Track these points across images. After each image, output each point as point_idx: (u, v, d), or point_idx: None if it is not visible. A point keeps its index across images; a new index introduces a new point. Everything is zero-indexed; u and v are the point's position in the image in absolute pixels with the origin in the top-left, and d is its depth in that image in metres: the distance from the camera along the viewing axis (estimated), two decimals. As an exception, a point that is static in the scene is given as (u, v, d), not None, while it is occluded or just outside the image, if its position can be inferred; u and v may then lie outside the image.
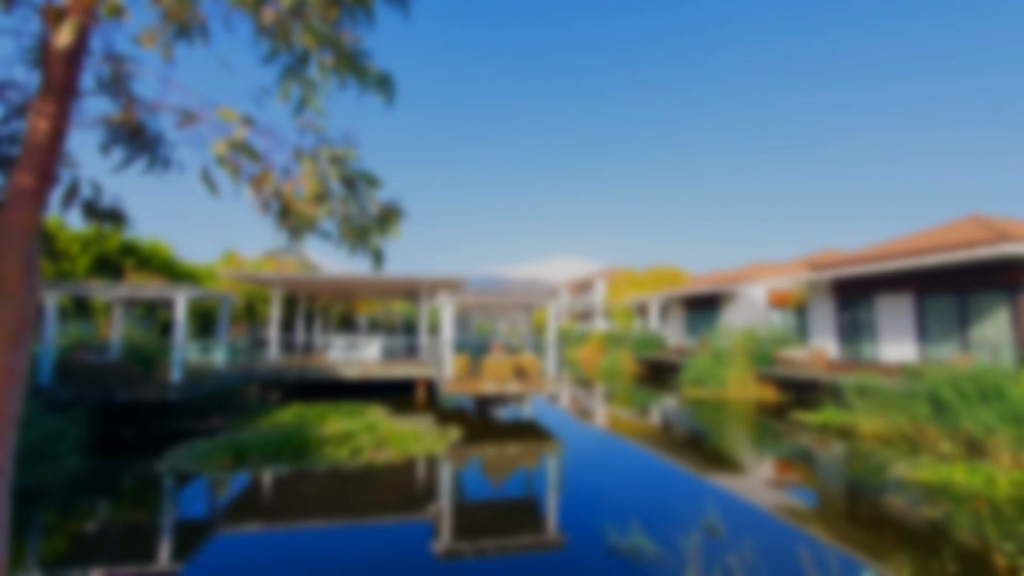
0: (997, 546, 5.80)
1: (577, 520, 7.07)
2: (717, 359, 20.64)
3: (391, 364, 18.43)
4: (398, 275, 19.07)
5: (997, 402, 9.72)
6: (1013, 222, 16.41)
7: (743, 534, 6.31)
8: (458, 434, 11.95)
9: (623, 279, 49.31)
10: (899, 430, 11.40)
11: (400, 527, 6.79)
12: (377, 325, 43.77)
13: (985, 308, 14.03)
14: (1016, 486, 8.01)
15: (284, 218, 2.26)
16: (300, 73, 2.32)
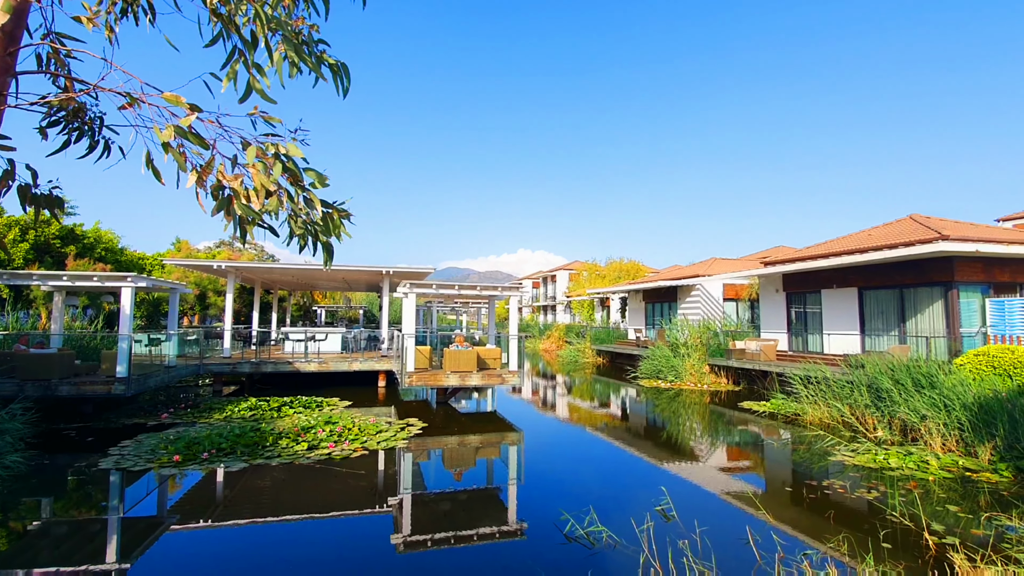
0: (927, 525, 6.22)
1: (538, 509, 7.19)
2: (675, 351, 21.22)
3: (351, 357, 18.14)
4: (360, 266, 18.75)
5: (930, 391, 10.37)
6: (948, 222, 17.47)
7: (695, 518, 6.55)
8: (419, 426, 11.90)
9: (585, 272, 49.94)
10: (841, 418, 12.03)
11: (359, 521, 6.74)
12: (337, 317, 42.93)
13: (922, 302, 14.92)
14: (946, 469, 8.59)
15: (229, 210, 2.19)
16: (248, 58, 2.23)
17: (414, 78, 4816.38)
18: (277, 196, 2.22)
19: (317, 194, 2.38)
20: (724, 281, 26.38)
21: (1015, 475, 8.16)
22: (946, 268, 14.06)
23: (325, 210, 2.43)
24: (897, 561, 5.37)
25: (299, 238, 2.48)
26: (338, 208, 2.47)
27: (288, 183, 2.31)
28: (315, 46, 2.35)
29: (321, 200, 2.42)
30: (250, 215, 2.21)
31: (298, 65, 2.29)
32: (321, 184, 2.34)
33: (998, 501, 7.19)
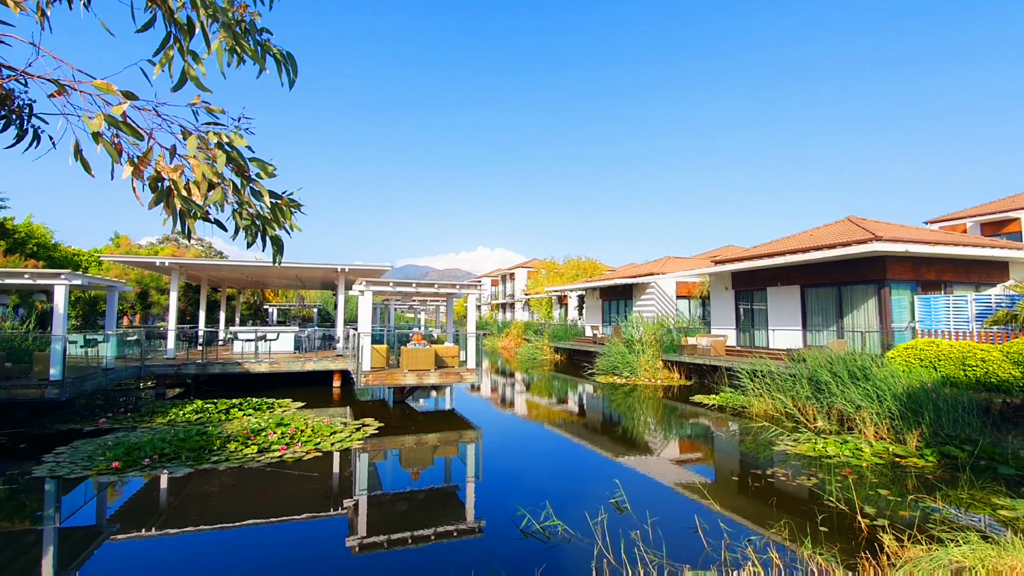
0: (860, 509, 6.62)
1: (496, 506, 7.22)
2: (630, 347, 21.70)
3: (305, 356, 17.67)
4: (314, 264, 18.26)
5: (864, 383, 11.02)
6: (882, 224, 18.58)
7: (647, 509, 6.74)
8: (376, 426, 11.72)
9: (544, 270, 50.34)
10: (784, 409, 12.61)
11: (313, 524, 6.59)
12: (290, 316, 41.68)
13: (858, 299, 15.81)
14: (878, 456, 9.15)
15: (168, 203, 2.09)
16: (183, 45, 2.13)
17: (372, 74, 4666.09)
18: (221, 188, 2.14)
19: (264, 184, 2.31)
20: (677, 279, 27.16)
21: (939, 460, 8.78)
22: (879, 267, 14.95)
23: (274, 200, 2.36)
24: (833, 543, 5.70)
25: (246, 232, 2.40)
26: (288, 198, 2.40)
27: (233, 174, 2.23)
28: (258, 34, 2.27)
29: (269, 191, 2.34)
30: (192, 208, 2.12)
31: (240, 54, 2.21)
32: (268, 174, 2.27)
33: (924, 484, 7.73)
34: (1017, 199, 25.19)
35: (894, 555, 4.94)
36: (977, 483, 7.66)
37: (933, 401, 9.73)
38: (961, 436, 9.23)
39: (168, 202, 2.10)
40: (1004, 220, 24.38)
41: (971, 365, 10.77)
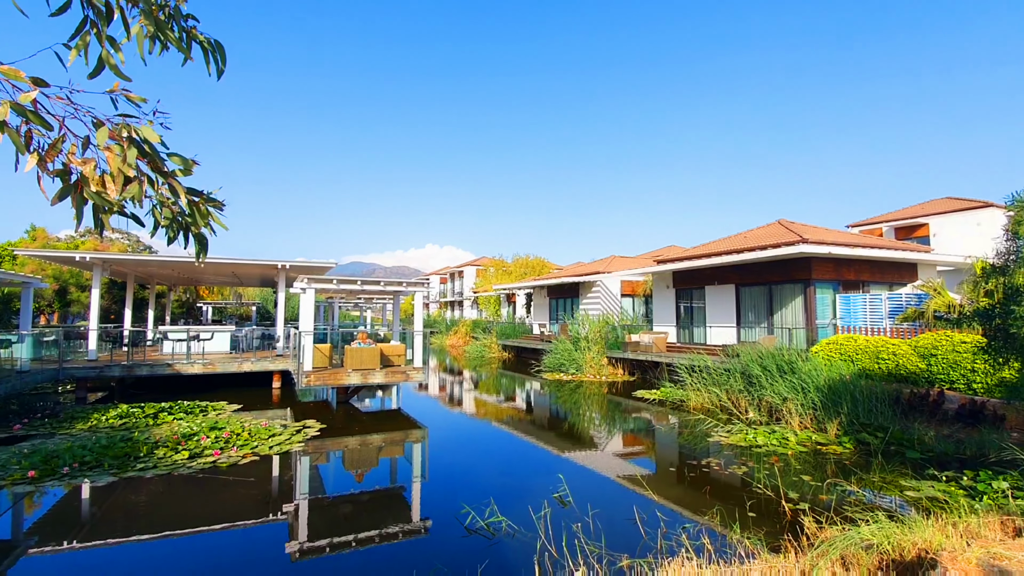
0: (785, 494, 7.06)
1: (442, 504, 7.20)
2: (576, 345, 22.12)
3: (242, 357, 16.93)
4: (251, 260, 17.51)
5: (790, 376, 11.74)
6: (808, 227, 19.81)
7: (589, 502, 6.92)
8: (318, 428, 11.40)
9: (493, 268, 50.42)
10: (719, 402, 13.24)
11: (250, 531, 6.35)
12: (226, 314, 39.76)
13: (786, 297, 16.80)
14: (802, 444, 9.78)
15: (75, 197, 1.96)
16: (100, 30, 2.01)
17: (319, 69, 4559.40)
18: (138, 182, 2.03)
19: (184, 181, 2.21)
20: (622, 278, 27.90)
21: (855, 447, 9.49)
22: (805, 268, 15.95)
23: (192, 199, 2.26)
24: (760, 527, 6.06)
25: (166, 229, 2.28)
26: (207, 197, 2.30)
27: (149, 169, 2.11)
28: (183, 21, 2.17)
29: (187, 188, 2.24)
30: (105, 204, 2.00)
31: (164, 41, 2.10)
32: (187, 171, 2.17)
33: (842, 470, 8.33)
34: (926, 206, 27.48)
35: (813, 536, 5.31)
36: (887, 467, 8.33)
37: (851, 392, 10.50)
38: (875, 424, 10.00)
39: (75, 196, 1.97)
40: (915, 225, 26.55)
41: (884, 358, 11.69)
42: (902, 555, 4.46)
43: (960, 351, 10.63)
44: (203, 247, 2.43)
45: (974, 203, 24.77)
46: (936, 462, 8.39)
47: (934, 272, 18.76)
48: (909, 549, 4.51)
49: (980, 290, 7.30)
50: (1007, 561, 3.85)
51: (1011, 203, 6.30)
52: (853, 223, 30.13)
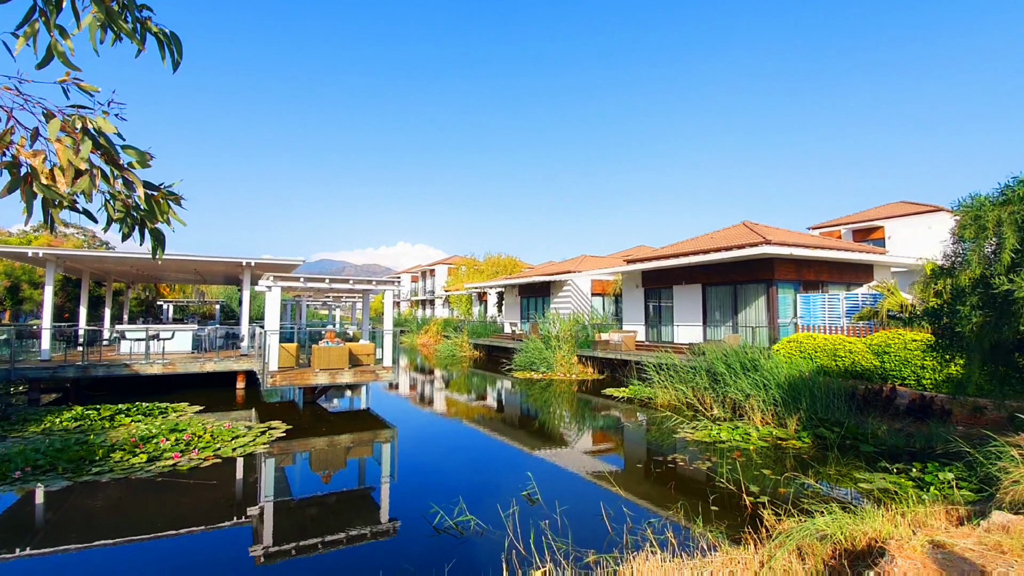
0: (746, 488, 7.28)
1: (411, 505, 7.16)
2: (547, 343, 22.26)
3: (204, 356, 16.45)
4: (215, 256, 17.02)
5: (753, 373, 12.08)
6: (771, 228, 20.39)
7: (557, 499, 6.99)
8: (283, 429, 11.18)
9: (464, 267, 50.27)
10: (686, 399, 13.53)
11: (213, 536, 6.20)
12: (188, 313, 38.56)
13: (750, 297, 17.27)
14: (763, 439, 10.09)
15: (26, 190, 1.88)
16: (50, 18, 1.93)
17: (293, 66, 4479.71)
18: (89, 176, 1.95)
19: (139, 175, 2.14)
20: (592, 277, 28.19)
21: (813, 441, 9.84)
22: (768, 268, 16.43)
23: (149, 192, 2.19)
24: (722, 521, 6.23)
25: (120, 224, 2.20)
26: (165, 190, 2.24)
27: (103, 162, 2.04)
28: (138, 11, 2.09)
29: (144, 182, 2.17)
30: (56, 198, 1.93)
31: (116, 31, 2.03)
32: (143, 164, 2.10)
33: (800, 464, 8.63)
34: (881, 210, 28.63)
35: (772, 528, 5.49)
36: (843, 460, 8.67)
37: (809, 388, 10.87)
38: (832, 419, 10.39)
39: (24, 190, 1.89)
40: (871, 228, 27.62)
41: (841, 356, 12.15)
42: (854, 544, 4.66)
43: (911, 349, 11.12)
44: (160, 243, 2.36)
45: (926, 207, 25.94)
46: (888, 455, 8.78)
47: (888, 273, 19.56)
48: (860, 539, 4.71)
49: (930, 291, 7.65)
50: (949, 548, 4.06)
51: (957, 208, 6.63)
52: (814, 225, 31.16)
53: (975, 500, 6.35)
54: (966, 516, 5.42)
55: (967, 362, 7.19)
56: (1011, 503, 5.41)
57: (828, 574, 4.32)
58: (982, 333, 6.24)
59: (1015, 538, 4.18)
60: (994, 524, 4.49)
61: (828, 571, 4.39)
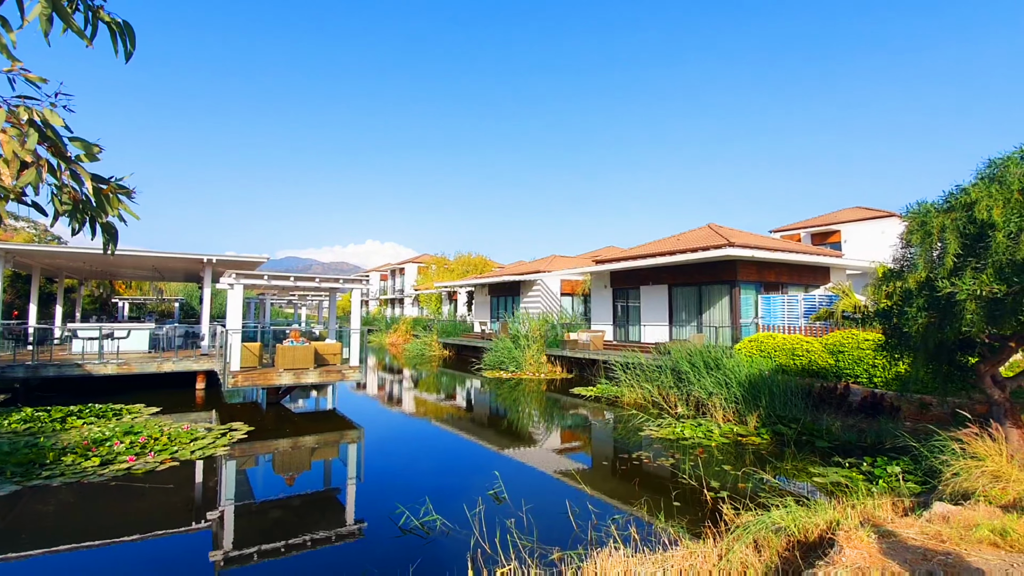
0: (707, 484, 7.48)
1: (378, 505, 7.10)
2: (516, 342, 22.33)
3: (162, 356, 15.90)
4: (173, 253, 16.47)
5: (716, 372, 12.40)
6: (735, 231, 20.95)
7: (523, 498, 7.04)
8: (245, 430, 10.91)
9: (434, 266, 49.97)
10: (651, 398, 13.79)
11: (170, 541, 6.01)
12: (145, 311, 37.17)
13: (714, 297, 17.72)
14: (724, 436, 10.37)
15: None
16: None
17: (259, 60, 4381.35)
18: (36, 168, 1.88)
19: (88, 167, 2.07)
20: (562, 277, 28.41)
21: (772, 437, 10.17)
22: (731, 269, 16.89)
23: (98, 185, 2.12)
24: (684, 516, 6.40)
25: (69, 218, 2.12)
26: (115, 184, 2.17)
27: (50, 154, 1.97)
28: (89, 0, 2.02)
29: (92, 175, 2.10)
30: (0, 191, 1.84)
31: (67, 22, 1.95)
32: (91, 157, 2.03)
33: (759, 459, 8.91)
34: (838, 214, 29.74)
35: (731, 522, 5.66)
36: (799, 456, 9.00)
37: (769, 386, 11.23)
38: (789, 416, 10.76)
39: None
40: (828, 231, 28.68)
41: (798, 355, 12.59)
42: (807, 536, 4.86)
43: (864, 348, 11.61)
44: (112, 238, 2.28)
45: (879, 213, 27.08)
46: (841, 450, 9.15)
47: (844, 275, 20.37)
48: (813, 530, 4.91)
49: (881, 292, 8.01)
50: (894, 538, 4.28)
51: (906, 214, 6.96)
52: (775, 228, 32.14)
53: (920, 492, 6.69)
54: (911, 507, 5.72)
55: (914, 361, 7.56)
56: (951, 494, 5.72)
57: (782, 565, 4.49)
58: (927, 333, 6.57)
59: (954, 527, 4.44)
60: (935, 514, 4.75)
61: (782, 563, 4.56)
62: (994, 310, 5.64)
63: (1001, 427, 6.45)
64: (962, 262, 6.01)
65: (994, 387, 6.78)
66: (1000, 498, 5.33)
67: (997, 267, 5.57)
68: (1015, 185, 5.76)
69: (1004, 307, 5.54)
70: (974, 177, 6.45)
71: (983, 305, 5.67)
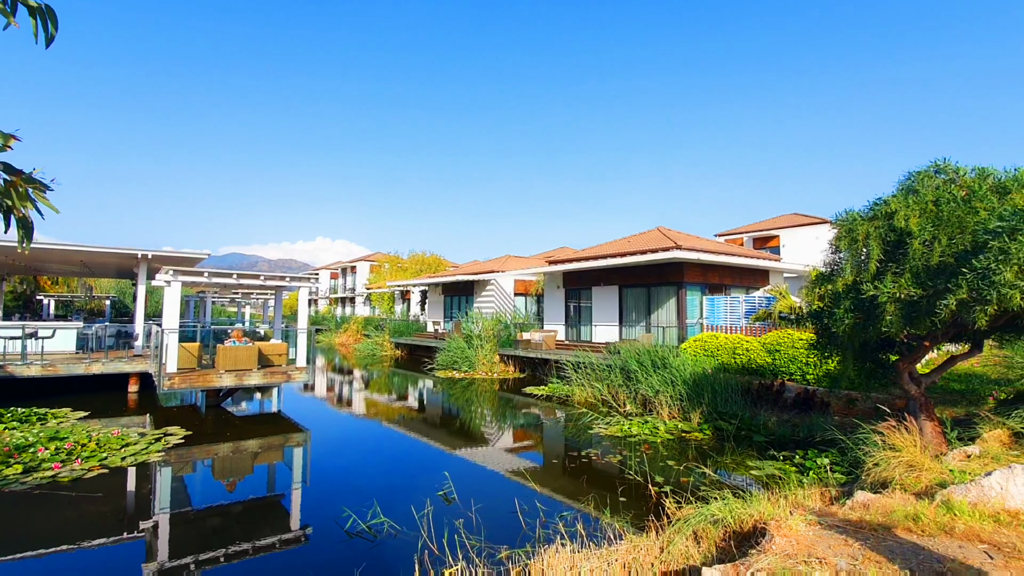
0: (652, 479, 7.72)
1: (325, 510, 6.93)
2: (469, 342, 22.29)
3: (91, 357, 14.94)
4: (104, 247, 15.49)
5: (663, 370, 12.80)
6: (682, 235, 21.68)
7: (473, 498, 7.06)
8: (182, 435, 10.41)
9: (387, 264, 49.17)
10: (601, 396, 14.09)
11: (99, 553, 5.67)
12: (73, 308, 34.79)
13: (662, 298, 18.28)
14: (670, 432, 10.73)
15: None
16: None
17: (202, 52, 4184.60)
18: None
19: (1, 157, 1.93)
20: (516, 277, 28.58)
21: (713, 433, 10.60)
22: (678, 271, 17.47)
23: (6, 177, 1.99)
24: (629, 511, 6.59)
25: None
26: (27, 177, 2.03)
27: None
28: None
29: (4, 163, 1.97)
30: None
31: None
32: (5, 146, 1.90)
33: (701, 454, 9.27)
34: (777, 220, 31.29)
35: (673, 515, 5.87)
36: (738, 450, 9.43)
37: (711, 384, 11.70)
38: (729, 412, 11.24)
39: None
40: (768, 236, 30.12)
41: (739, 353, 13.17)
42: (742, 527, 5.10)
43: (798, 347, 12.28)
44: (27, 232, 2.14)
45: (814, 219, 28.68)
46: (776, 444, 9.65)
47: (782, 278, 21.46)
48: (748, 521, 5.16)
49: (814, 295, 8.51)
50: (819, 525, 4.56)
51: (835, 221, 7.43)
52: (720, 232, 33.48)
53: (845, 482, 7.14)
54: (837, 496, 6.10)
55: (842, 359, 8.07)
56: (872, 483, 6.15)
57: (719, 556, 4.71)
58: (853, 333, 7.03)
59: (873, 514, 4.77)
60: (857, 502, 5.10)
61: (719, 553, 4.77)
62: (911, 312, 6.09)
63: (916, 420, 6.98)
64: (884, 267, 6.46)
65: (911, 383, 7.33)
66: (914, 486, 5.77)
67: (914, 272, 6.02)
68: (929, 196, 6.25)
69: (920, 309, 5.99)
70: (895, 188, 6.96)
71: (901, 307, 6.12)
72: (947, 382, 11.03)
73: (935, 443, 6.84)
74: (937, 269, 5.81)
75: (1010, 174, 6.10)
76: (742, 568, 3.80)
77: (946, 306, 5.43)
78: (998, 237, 5.10)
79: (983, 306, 5.23)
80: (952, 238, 5.80)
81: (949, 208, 5.94)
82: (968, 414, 8.78)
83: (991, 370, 11.26)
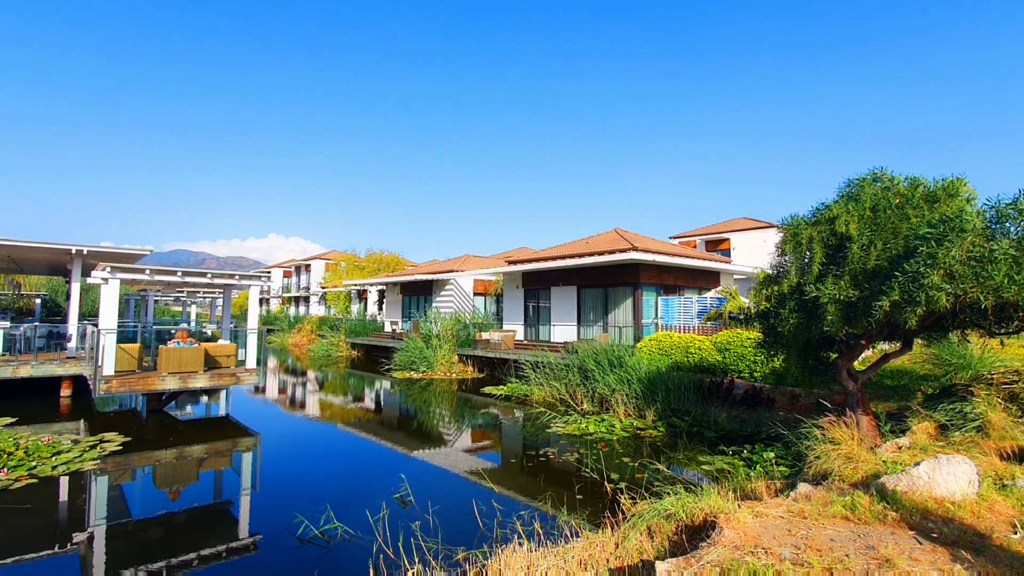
0: (608, 476, 7.86)
1: (275, 516, 6.70)
2: (428, 342, 22.06)
3: (19, 359, 13.93)
4: (34, 242, 14.48)
5: (619, 369, 13.04)
6: (639, 236, 22.15)
7: (429, 500, 6.98)
8: (120, 441, 9.85)
9: (344, 263, 48.07)
10: (559, 395, 14.22)
11: (29, 569, 5.28)
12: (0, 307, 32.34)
13: (619, 299, 18.62)
14: (625, 430, 10.94)
15: None
16: None
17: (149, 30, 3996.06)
18: None
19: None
20: (475, 277, 28.49)
21: (667, 430, 10.88)
22: (634, 272, 17.85)
23: None
24: (586, 508, 6.67)
25: None
26: None
27: None
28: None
29: None
30: None
31: None
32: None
33: (655, 451, 9.50)
34: (729, 224, 32.44)
35: (627, 511, 5.98)
36: (690, 446, 9.71)
37: (665, 382, 12.01)
38: (682, 409, 11.57)
39: None
40: (720, 239, 31.19)
41: (692, 352, 13.56)
42: (693, 520, 5.25)
43: (746, 346, 12.76)
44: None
45: (762, 223, 29.90)
46: (726, 439, 9.99)
47: (732, 280, 22.25)
48: (698, 515, 5.32)
49: (761, 296, 8.86)
50: (764, 516, 4.75)
51: (782, 225, 7.76)
52: (675, 235, 34.43)
53: (789, 474, 7.48)
54: (781, 488, 6.37)
55: (787, 357, 8.43)
56: (814, 475, 6.45)
57: (671, 549, 4.83)
58: (797, 332, 7.36)
59: (814, 504, 5.01)
60: (800, 494, 5.34)
61: (672, 547, 4.90)
62: (849, 312, 6.43)
63: (854, 414, 7.37)
64: (826, 269, 6.79)
65: (849, 379, 7.73)
66: (852, 477, 6.09)
67: (853, 275, 6.35)
68: (867, 203, 6.61)
69: (857, 310, 6.33)
70: (837, 194, 7.32)
71: (841, 308, 6.44)
72: (881, 378, 11.70)
73: (871, 436, 7.24)
74: (873, 272, 6.16)
75: (939, 183, 6.52)
76: (693, 561, 3.91)
77: (881, 307, 5.74)
78: (927, 243, 5.44)
79: (913, 307, 5.57)
80: (887, 243, 6.15)
81: (885, 215, 6.30)
82: (900, 408, 9.35)
83: (920, 367, 12.05)
